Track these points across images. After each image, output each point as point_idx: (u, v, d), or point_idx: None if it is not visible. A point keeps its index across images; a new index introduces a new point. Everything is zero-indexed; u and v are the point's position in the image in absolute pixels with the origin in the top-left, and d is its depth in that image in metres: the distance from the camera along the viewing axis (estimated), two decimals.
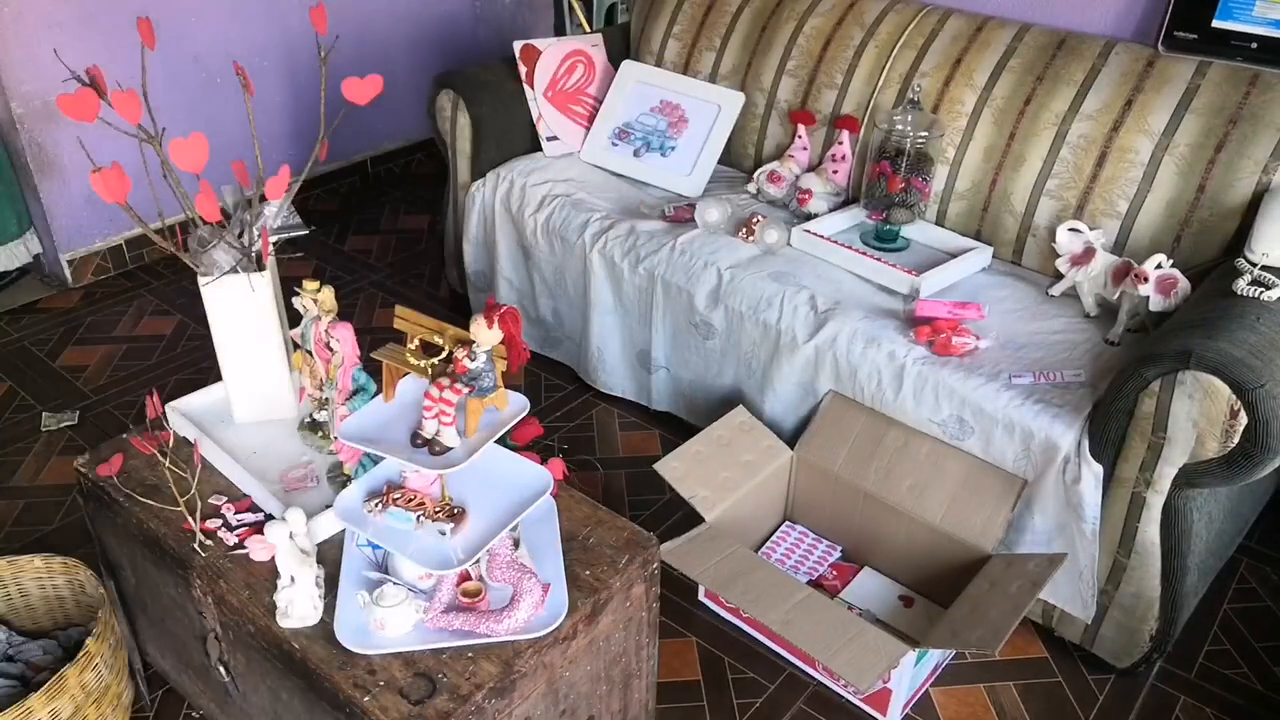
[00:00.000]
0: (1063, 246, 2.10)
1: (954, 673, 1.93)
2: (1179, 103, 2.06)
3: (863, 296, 2.14)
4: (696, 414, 2.44)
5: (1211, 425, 1.61)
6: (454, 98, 2.66)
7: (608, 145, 2.73)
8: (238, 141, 3.37)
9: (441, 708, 1.24)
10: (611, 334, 2.53)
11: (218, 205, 1.49)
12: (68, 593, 1.85)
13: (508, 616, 1.32)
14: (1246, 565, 2.18)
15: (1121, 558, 1.79)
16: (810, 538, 2.17)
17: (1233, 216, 1.98)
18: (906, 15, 2.47)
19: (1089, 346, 1.97)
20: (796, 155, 2.56)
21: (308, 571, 1.35)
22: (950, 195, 2.34)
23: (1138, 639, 1.84)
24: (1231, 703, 1.88)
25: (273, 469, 1.62)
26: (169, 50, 3.15)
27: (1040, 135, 2.20)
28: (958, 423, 1.90)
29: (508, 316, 1.24)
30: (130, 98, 1.42)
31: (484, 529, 1.34)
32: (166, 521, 1.53)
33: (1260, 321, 1.65)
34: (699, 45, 2.78)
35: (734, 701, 1.87)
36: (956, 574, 1.91)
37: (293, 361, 1.67)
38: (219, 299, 1.61)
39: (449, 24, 3.96)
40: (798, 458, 2.12)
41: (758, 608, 1.76)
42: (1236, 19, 2.08)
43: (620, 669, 1.53)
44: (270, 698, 1.47)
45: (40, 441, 2.51)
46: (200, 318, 3.00)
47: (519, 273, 2.72)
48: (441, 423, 1.27)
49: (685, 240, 2.34)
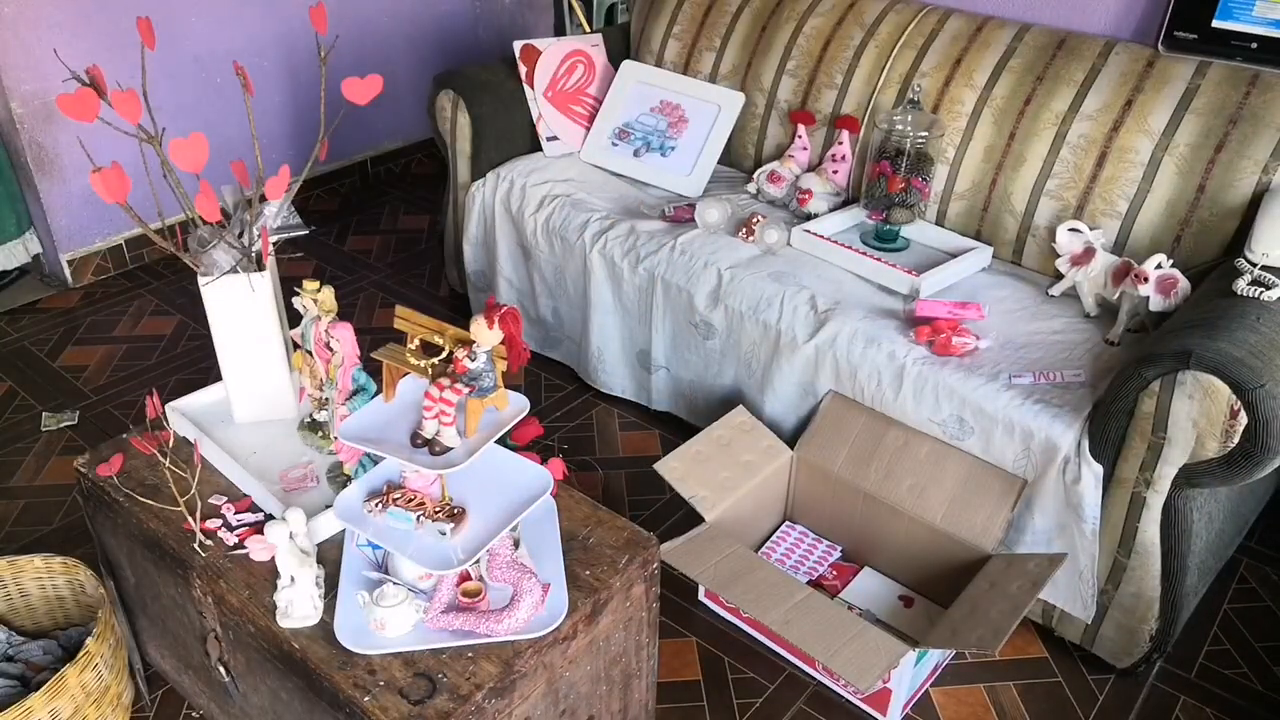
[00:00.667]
0: (1063, 246, 2.10)
1: (954, 673, 1.93)
2: (1179, 103, 2.06)
3: (863, 296, 2.14)
4: (696, 414, 2.45)
5: (1211, 425, 1.61)
6: (454, 98, 2.66)
7: (608, 145, 2.73)
8: (238, 141, 3.37)
9: (441, 708, 1.24)
10: (611, 334, 2.53)
11: (218, 205, 1.49)
12: (68, 593, 1.85)
13: (508, 616, 1.32)
14: (1246, 565, 2.18)
15: (1121, 558, 1.79)
16: (810, 538, 2.17)
17: (1233, 216, 1.98)
18: (906, 15, 2.47)
19: (1089, 346, 1.97)
20: (796, 155, 2.56)
21: (308, 571, 1.35)
22: (950, 195, 2.34)
23: (1138, 639, 1.84)
24: (1231, 703, 1.88)
25: (273, 469, 1.62)
26: (169, 50, 3.15)
27: (1040, 135, 2.20)
28: (958, 423, 1.90)
29: (508, 316, 1.24)
30: (130, 98, 1.42)
31: (484, 529, 1.34)
32: (166, 521, 1.53)
33: (1260, 321, 1.65)
34: (699, 45, 2.78)
35: (734, 701, 1.87)
36: (956, 574, 1.91)
37: (293, 361, 1.68)
38: (219, 299, 1.61)
39: (449, 24, 3.96)
40: (798, 458, 2.12)
41: (758, 608, 1.76)
42: (1236, 19, 2.08)
43: (620, 669, 1.53)
44: (270, 698, 1.47)
45: (40, 441, 2.51)
46: (200, 318, 3.00)
47: (519, 273, 2.72)
48: (441, 423, 1.27)
49: (685, 240, 2.34)
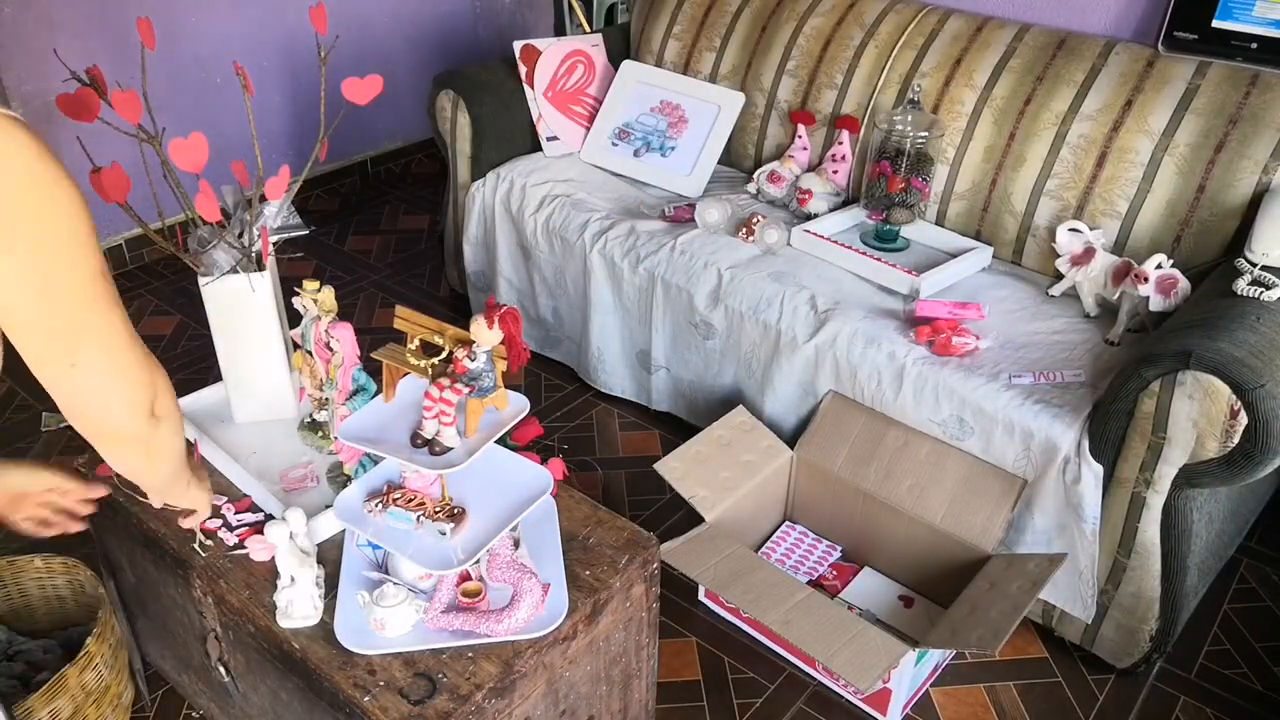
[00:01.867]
0: (1063, 246, 2.10)
1: (954, 673, 1.93)
2: (1179, 103, 2.05)
3: (863, 296, 2.14)
4: (696, 414, 2.44)
5: (1211, 425, 1.61)
6: (454, 98, 2.66)
7: (608, 145, 2.73)
8: (238, 141, 3.36)
9: (441, 708, 1.24)
10: (611, 334, 2.53)
11: (218, 205, 1.49)
12: (68, 593, 1.85)
13: (508, 616, 1.32)
14: (1246, 565, 2.18)
15: (1121, 558, 1.79)
16: (810, 538, 2.17)
17: (1233, 216, 1.98)
18: (906, 15, 2.47)
19: (1089, 346, 1.97)
20: (796, 155, 2.56)
21: (308, 571, 1.35)
22: (950, 195, 2.34)
23: (1138, 639, 1.84)
24: (1231, 703, 1.88)
25: (273, 469, 1.62)
26: (169, 50, 3.16)
27: (1040, 135, 2.20)
28: (958, 423, 1.90)
29: (508, 316, 1.24)
30: (130, 98, 1.42)
31: (484, 529, 1.34)
32: (166, 521, 1.53)
33: (1260, 321, 1.65)
34: (699, 45, 2.78)
35: (734, 701, 1.87)
36: (956, 574, 1.91)
37: (293, 361, 1.67)
38: (219, 299, 1.61)
39: (449, 24, 3.96)
40: (798, 458, 2.12)
41: (758, 608, 1.76)
42: (1236, 19, 2.08)
43: (620, 669, 1.53)
44: (270, 698, 1.47)
45: (40, 441, 2.51)
46: (200, 318, 3.00)
47: (519, 273, 2.72)
48: (441, 423, 1.27)
49: (685, 240, 2.34)
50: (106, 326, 0.92)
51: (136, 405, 0.98)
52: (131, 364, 0.96)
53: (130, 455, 1.04)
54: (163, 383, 1.01)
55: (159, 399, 1.01)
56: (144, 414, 0.99)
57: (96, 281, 0.90)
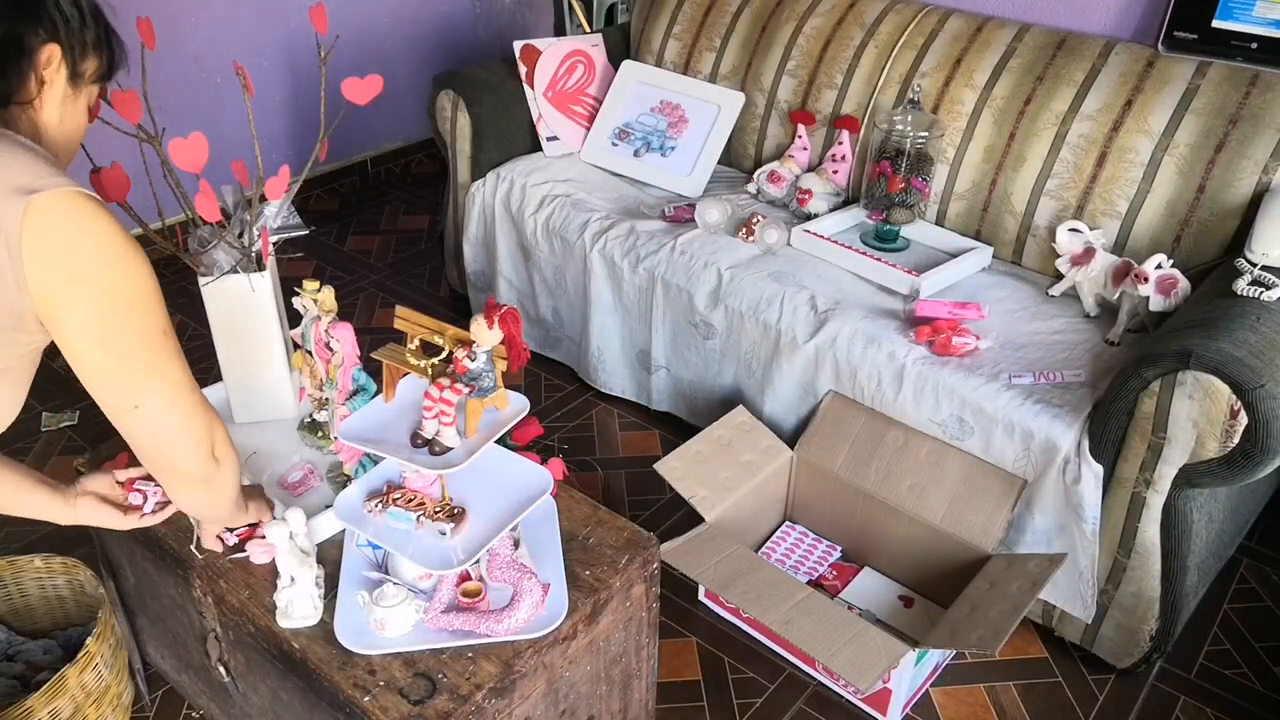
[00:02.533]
0: (1063, 246, 2.10)
1: (954, 673, 1.93)
2: (1179, 103, 2.05)
3: (863, 296, 2.14)
4: (696, 414, 2.44)
5: (1211, 425, 1.61)
6: (454, 98, 2.66)
7: (608, 145, 2.73)
8: (238, 141, 3.37)
9: (441, 708, 1.24)
10: (611, 334, 2.53)
11: (218, 205, 1.48)
12: (68, 593, 1.85)
13: (508, 616, 1.32)
14: (1246, 565, 2.18)
15: (1121, 558, 1.79)
16: (810, 538, 2.17)
17: (1233, 216, 1.98)
18: (906, 15, 2.47)
19: (1089, 346, 1.97)
20: (796, 155, 2.56)
21: (308, 571, 1.35)
22: (950, 195, 2.34)
23: (1138, 639, 1.84)
24: (1231, 703, 1.88)
25: (273, 469, 1.62)
26: (169, 50, 3.15)
27: (1040, 135, 2.20)
28: (958, 423, 1.90)
29: (508, 316, 1.24)
30: (130, 97, 1.42)
31: (484, 529, 1.34)
32: (166, 521, 1.52)
33: (1260, 321, 1.65)
34: (699, 45, 2.78)
35: (734, 701, 1.87)
36: (956, 574, 1.91)
37: (293, 361, 1.67)
38: (219, 299, 1.61)
39: (449, 24, 3.96)
40: (798, 458, 2.12)
41: (758, 608, 1.76)
42: (1236, 19, 2.08)
43: (620, 669, 1.53)
44: (270, 698, 1.47)
45: (40, 441, 2.51)
46: (200, 318, 2.99)
47: (519, 273, 2.72)
48: (441, 423, 1.27)
49: (685, 240, 2.34)
50: (168, 377, 1.05)
51: (198, 447, 1.11)
52: (191, 412, 1.09)
53: (194, 492, 1.17)
54: (220, 430, 1.14)
55: (218, 444, 1.14)
56: (205, 455, 1.12)
57: (158, 337, 1.03)
